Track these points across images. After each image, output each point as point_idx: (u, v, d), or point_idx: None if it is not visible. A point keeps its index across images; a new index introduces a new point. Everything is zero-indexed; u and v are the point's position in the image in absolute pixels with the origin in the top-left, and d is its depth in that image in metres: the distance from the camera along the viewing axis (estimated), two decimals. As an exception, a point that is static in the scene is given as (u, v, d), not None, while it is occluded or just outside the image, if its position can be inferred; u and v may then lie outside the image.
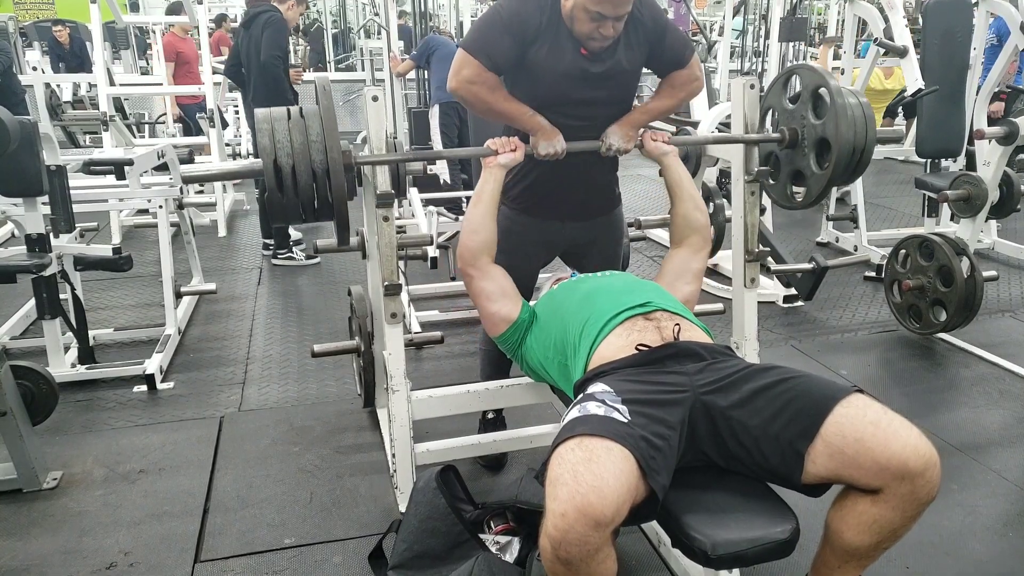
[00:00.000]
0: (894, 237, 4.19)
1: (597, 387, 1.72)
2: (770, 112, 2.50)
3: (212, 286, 3.93)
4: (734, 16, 7.70)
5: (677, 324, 1.88)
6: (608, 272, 2.27)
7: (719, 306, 3.12)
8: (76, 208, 3.25)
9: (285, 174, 1.85)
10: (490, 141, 2.14)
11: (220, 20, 9.71)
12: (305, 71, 6.07)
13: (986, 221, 4.32)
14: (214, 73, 5.85)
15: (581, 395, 1.75)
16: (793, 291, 4.01)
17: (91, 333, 3.62)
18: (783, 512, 1.61)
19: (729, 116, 4.49)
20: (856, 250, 4.83)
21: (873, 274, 4.42)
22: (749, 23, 8.96)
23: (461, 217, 3.35)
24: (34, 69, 7.38)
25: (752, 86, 2.45)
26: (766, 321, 3.85)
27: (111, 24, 9.00)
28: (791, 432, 1.61)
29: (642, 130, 2.33)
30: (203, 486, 2.46)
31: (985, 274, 3.35)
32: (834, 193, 5.09)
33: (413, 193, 4.15)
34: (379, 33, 5.72)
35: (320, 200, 1.89)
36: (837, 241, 5.09)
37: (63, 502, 2.39)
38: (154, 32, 8.70)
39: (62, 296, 3.24)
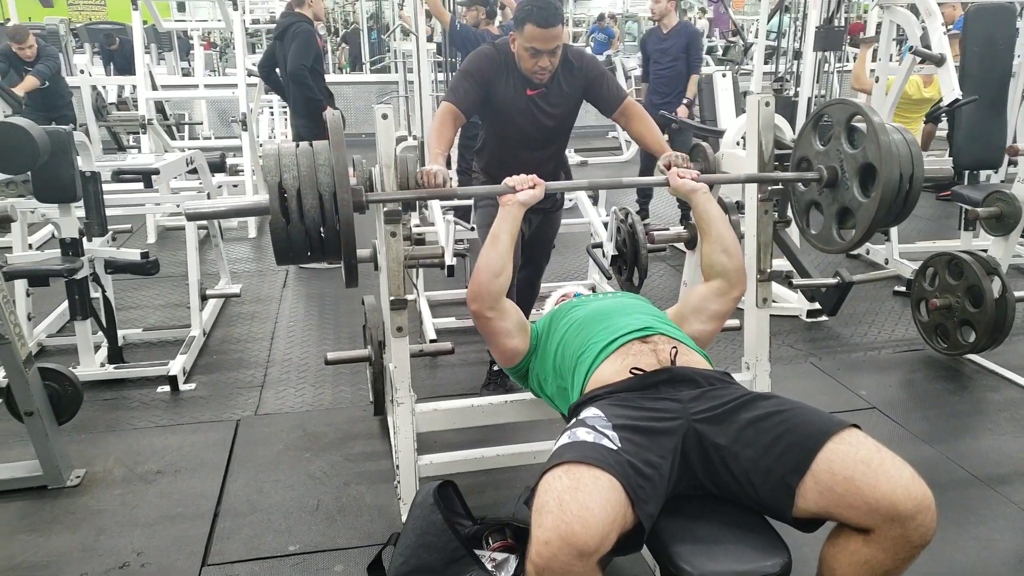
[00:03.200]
0: (928, 251, 4.10)
1: (589, 412, 1.73)
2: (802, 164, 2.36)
3: (236, 289, 4.01)
4: (771, 17, 7.60)
5: (674, 348, 1.87)
6: (609, 293, 2.27)
7: (736, 322, 3.06)
8: (109, 212, 3.35)
9: (292, 211, 1.81)
10: (508, 179, 2.12)
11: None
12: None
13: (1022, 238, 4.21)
14: (249, 75, 5.96)
15: (573, 420, 1.76)
16: (817, 306, 3.95)
17: (121, 333, 3.73)
18: (775, 545, 1.60)
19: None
20: (887, 263, 4.74)
21: (903, 289, 4.32)
22: (794, 20, 8.76)
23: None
24: (81, 72, 7.61)
25: (767, 104, 2.42)
26: (788, 336, 3.80)
27: (154, 27, 9.24)
28: (782, 466, 1.59)
29: (671, 168, 2.35)
30: (215, 489, 2.52)
31: (1018, 294, 3.26)
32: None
33: (434, 202, 4.18)
34: (407, 35, 5.75)
35: (328, 241, 1.86)
36: (868, 253, 5.00)
37: (84, 500, 2.47)
38: (194, 35, 8.87)
39: (93, 295, 3.34)
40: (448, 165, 4.83)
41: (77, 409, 2.65)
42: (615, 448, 1.58)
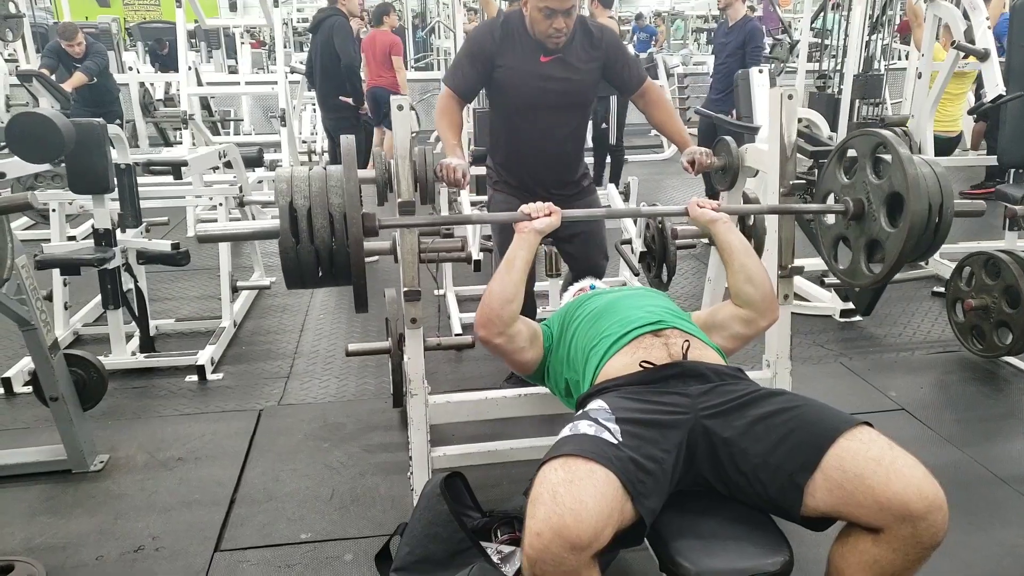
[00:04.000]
0: (970, 251, 3.97)
1: (594, 404, 1.71)
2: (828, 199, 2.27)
3: (267, 282, 4.07)
4: (817, 15, 7.44)
5: (687, 342, 1.84)
6: (623, 288, 2.24)
7: None
8: (144, 204, 3.43)
9: (302, 232, 1.76)
10: (524, 206, 2.08)
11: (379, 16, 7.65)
12: None
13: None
14: (292, 72, 6.05)
15: (579, 412, 1.74)
16: (851, 305, 3.86)
17: (154, 323, 3.82)
18: (777, 544, 1.57)
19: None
20: (926, 263, 4.61)
21: (942, 290, 4.19)
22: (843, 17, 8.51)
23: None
24: (130, 69, 7.83)
25: (790, 96, 2.37)
26: (819, 336, 3.72)
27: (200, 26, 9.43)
28: (791, 464, 1.56)
29: (693, 202, 2.22)
30: (234, 477, 2.56)
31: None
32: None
33: (464, 196, 4.19)
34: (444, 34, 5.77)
35: (338, 264, 1.80)
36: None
37: (106, 484, 2.53)
38: (242, 33, 9.02)
39: (127, 286, 3.42)
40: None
41: (102, 396, 2.71)
42: (615, 442, 1.56)
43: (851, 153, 2.17)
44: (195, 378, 3.34)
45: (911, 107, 4.97)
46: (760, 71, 4.68)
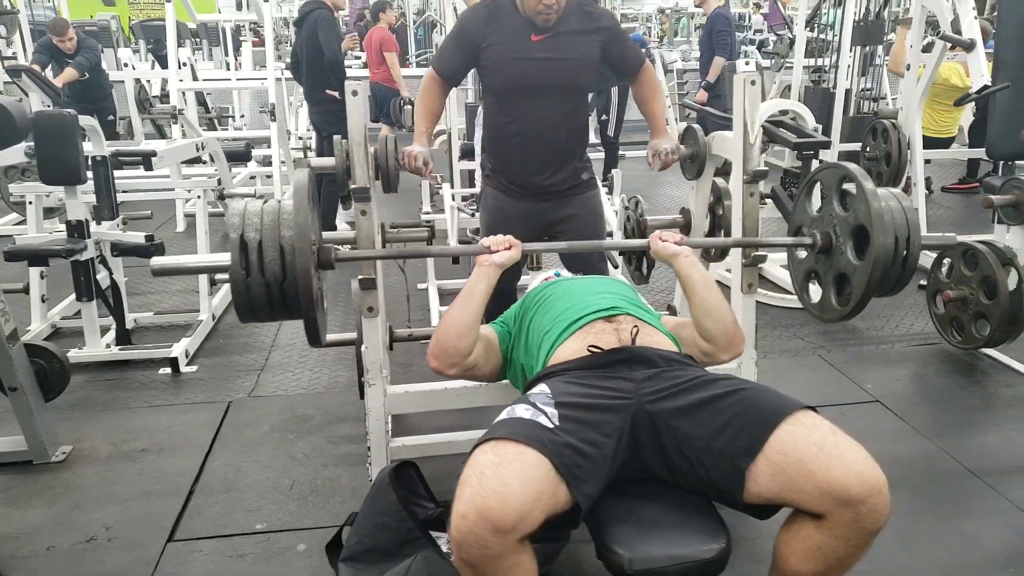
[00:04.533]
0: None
1: (536, 388, 1.69)
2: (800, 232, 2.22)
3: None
4: (815, 11, 7.39)
5: (636, 327, 1.82)
6: (586, 277, 2.22)
7: None
8: (133, 198, 3.42)
9: (252, 265, 1.70)
10: (484, 240, 2.03)
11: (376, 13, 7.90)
12: None
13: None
14: (287, 68, 6.03)
15: (521, 396, 1.72)
16: (834, 298, 3.82)
17: (133, 316, 3.82)
18: (714, 531, 1.54)
19: (779, 113, 4.34)
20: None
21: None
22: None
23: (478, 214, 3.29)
24: (126, 66, 7.83)
25: (753, 82, 2.34)
26: (800, 329, 3.68)
27: (199, 24, 9.45)
28: (734, 448, 1.54)
29: (657, 235, 2.13)
30: (195, 468, 2.55)
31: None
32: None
33: (446, 188, 4.18)
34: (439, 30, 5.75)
35: (289, 296, 1.73)
36: (897, 247, 4.81)
37: (66, 476, 2.52)
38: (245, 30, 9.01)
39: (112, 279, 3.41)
40: (472, 157, 4.84)
41: (64, 387, 2.70)
42: (551, 426, 1.54)
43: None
44: (168, 370, 3.32)
45: (900, 101, 4.91)
46: (747, 63, 4.64)
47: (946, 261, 3.34)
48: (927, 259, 3.56)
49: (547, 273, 2.45)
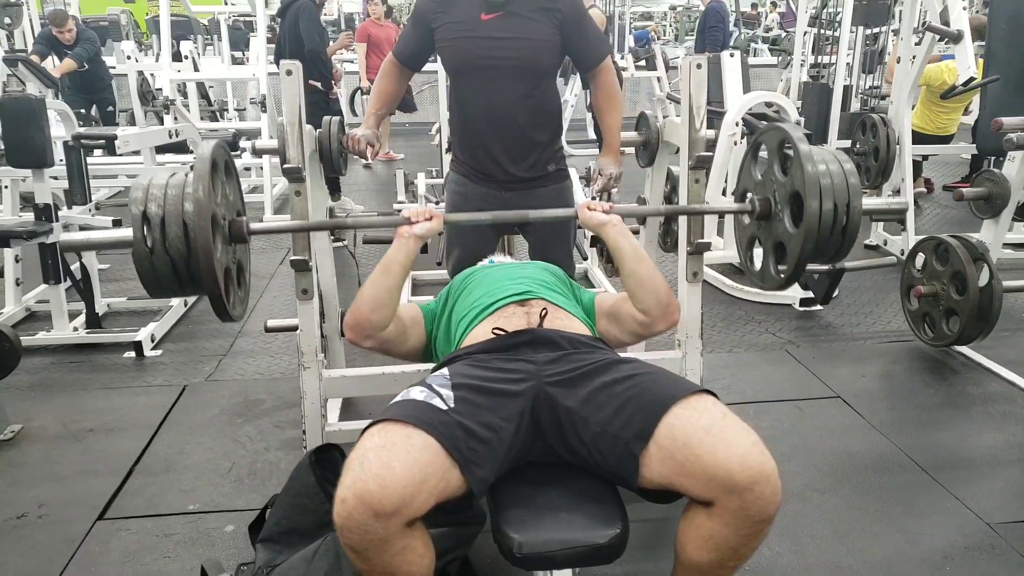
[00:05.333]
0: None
1: (438, 371, 1.66)
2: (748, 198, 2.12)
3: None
4: (822, 8, 7.28)
5: (544, 309, 1.79)
6: (514, 263, 2.19)
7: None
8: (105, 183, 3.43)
9: (156, 242, 1.64)
10: (404, 210, 1.98)
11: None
12: None
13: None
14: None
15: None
16: (810, 294, 3.75)
17: (106, 301, 3.84)
18: (611, 517, 1.50)
19: (763, 104, 4.26)
20: (904, 255, 4.47)
21: (911, 280, 4.07)
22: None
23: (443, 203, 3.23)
24: (128, 58, 7.89)
25: (699, 65, 2.29)
26: (773, 324, 3.62)
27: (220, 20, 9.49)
28: (628, 432, 1.50)
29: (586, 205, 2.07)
30: (139, 449, 2.55)
31: (1013, 284, 3.02)
32: (886, 191, 4.72)
33: (420, 179, 4.16)
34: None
35: (195, 276, 1.68)
36: (885, 244, 4.74)
37: (10, 454, 2.53)
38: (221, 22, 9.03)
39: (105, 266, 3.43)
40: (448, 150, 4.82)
41: (13, 367, 2.70)
42: (445, 408, 1.50)
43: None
44: (133, 354, 3.33)
45: (892, 93, 4.82)
46: (731, 55, 4.58)
47: (920, 256, 3.26)
48: (895, 247, 3.48)
49: (484, 261, 2.42)
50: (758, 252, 2.15)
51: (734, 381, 3.03)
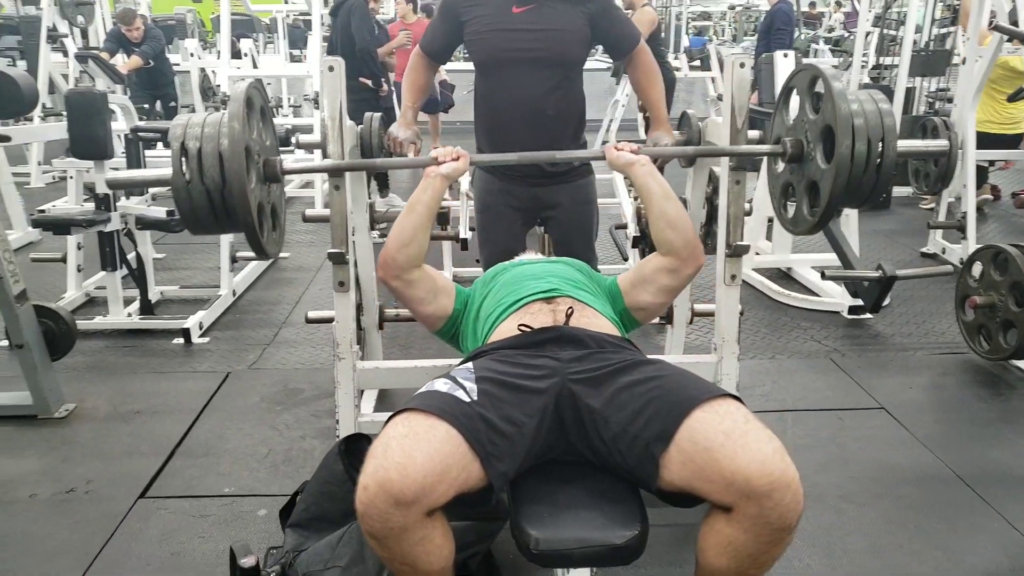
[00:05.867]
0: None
1: (463, 365, 1.67)
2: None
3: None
4: (885, 10, 7.11)
5: (570, 308, 1.78)
6: (546, 260, 2.19)
7: (711, 307, 2.83)
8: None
9: (193, 177, 1.71)
10: (433, 151, 2.03)
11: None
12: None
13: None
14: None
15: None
16: (860, 301, 3.66)
17: (160, 289, 3.96)
18: (630, 518, 1.49)
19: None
20: (963, 264, 4.32)
21: (968, 291, 3.93)
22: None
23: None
24: (191, 55, 8.14)
25: (742, 65, 2.26)
26: (820, 331, 3.54)
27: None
28: (649, 433, 1.48)
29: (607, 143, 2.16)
30: (181, 432, 2.62)
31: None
32: (946, 197, 4.57)
33: (463, 177, 4.18)
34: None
35: (230, 211, 1.73)
36: (943, 252, 4.58)
37: (64, 431, 2.64)
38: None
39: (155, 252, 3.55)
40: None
41: (70, 347, 2.81)
42: (468, 400, 1.51)
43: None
44: (181, 341, 3.43)
45: (955, 96, 4.67)
46: (785, 55, 4.48)
47: (978, 265, 3.15)
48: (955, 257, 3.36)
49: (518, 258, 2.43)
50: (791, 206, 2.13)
51: (774, 388, 2.97)
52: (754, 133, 2.33)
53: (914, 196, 5.77)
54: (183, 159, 1.73)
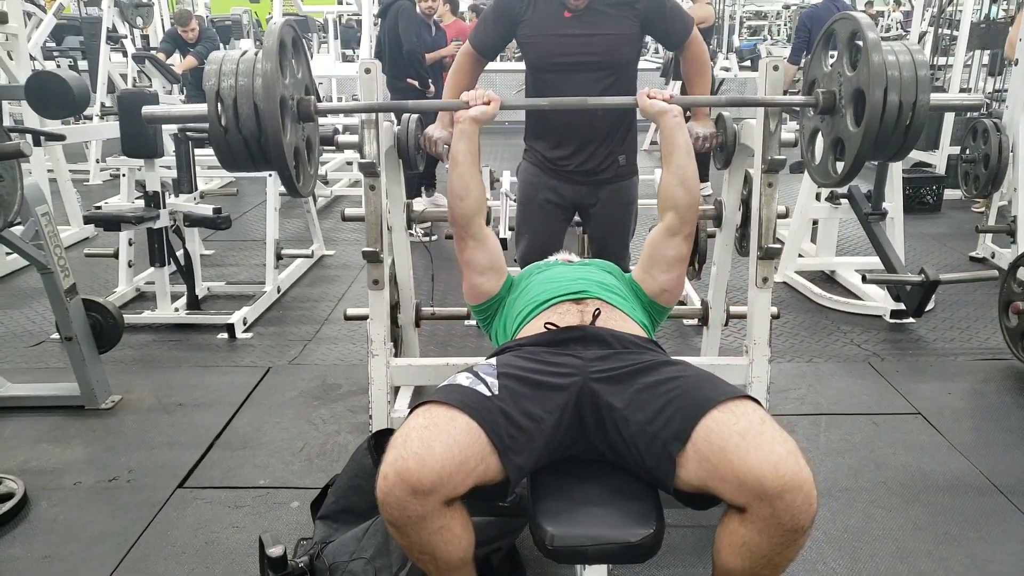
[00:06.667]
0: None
1: (486, 361, 1.71)
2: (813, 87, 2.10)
3: (309, 251, 4.25)
4: (942, 11, 6.91)
5: (598, 308, 1.80)
6: (580, 262, 2.21)
7: (743, 309, 2.80)
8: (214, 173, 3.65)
9: (229, 120, 1.73)
10: (464, 94, 2.05)
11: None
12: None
13: None
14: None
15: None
16: (902, 306, 3.59)
17: (207, 285, 4.08)
18: (646, 517, 1.51)
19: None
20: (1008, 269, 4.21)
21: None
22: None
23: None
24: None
25: (776, 67, 2.25)
26: (860, 335, 3.49)
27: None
28: (667, 433, 1.50)
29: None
30: (221, 425, 2.71)
31: None
32: (997, 200, 4.46)
33: (506, 176, 4.21)
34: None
35: (265, 151, 1.75)
36: (993, 257, 4.47)
37: (109, 422, 2.74)
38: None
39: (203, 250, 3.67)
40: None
41: (117, 340, 2.92)
42: (489, 395, 1.55)
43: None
44: (225, 335, 3.53)
45: (1008, 97, 4.54)
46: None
47: (1021, 269, 3.08)
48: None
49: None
50: (819, 146, 2.11)
51: (810, 392, 2.94)
52: (788, 136, 2.32)
53: (966, 199, 5.62)
54: (219, 103, 1.74)
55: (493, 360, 1.68)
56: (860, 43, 1.87)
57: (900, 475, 2.37)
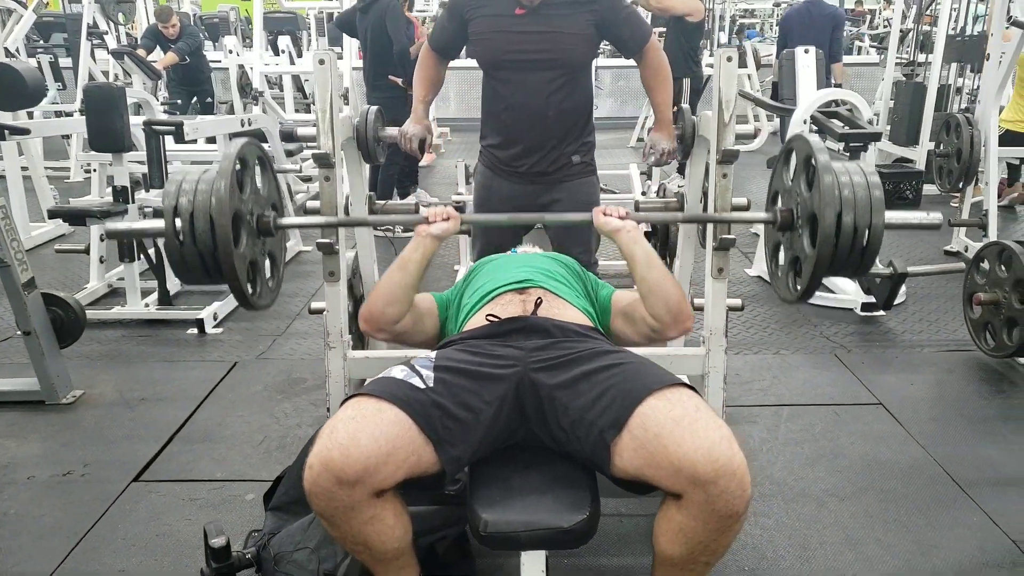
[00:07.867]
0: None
1: (425, 354, 1.71)
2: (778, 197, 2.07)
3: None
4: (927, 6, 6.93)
5: (540, 298, 1.80)
6: (528, 253, 2.21)
7: (702, 301, 2.80)
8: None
9: (185, 235, 1.68)
10: (424, 210, 2.00)
11: None
12: None
13: None
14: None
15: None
16: (872, 299, 3.60)
17: (179, 280, 4.05)
18: (580, 502, 1.52)
19: (832, 103, 4.12)
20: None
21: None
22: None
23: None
24: (230, 52, 8.31)
25: (729, 59, 2.24)
26: (830, 328, 3.50)
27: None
28: (603, 420, 1.51)
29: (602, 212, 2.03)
30: (182, 419, 2.70)
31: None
32: (970, 195, 4.47)
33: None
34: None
35: (220, 267, 1.71)
36: (966, 251, 4.48)
37: (69, 416, 2.73)
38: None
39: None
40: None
41: (79, 335, 2.91)
42: (423, 387, 1.55)
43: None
44: (195, 331, 3.53)
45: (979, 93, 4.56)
46: (806, 51, 4.43)
47: (983, 262, 3.09)
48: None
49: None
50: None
51: (774, 383, 2.94)
52: (745, 128, 2.31)
53: (942, 194, 5.63)
54: (176, 218, 1.70)
55: (432, 353, 1.68)
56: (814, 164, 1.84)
57: (856, 464, 2.38)
